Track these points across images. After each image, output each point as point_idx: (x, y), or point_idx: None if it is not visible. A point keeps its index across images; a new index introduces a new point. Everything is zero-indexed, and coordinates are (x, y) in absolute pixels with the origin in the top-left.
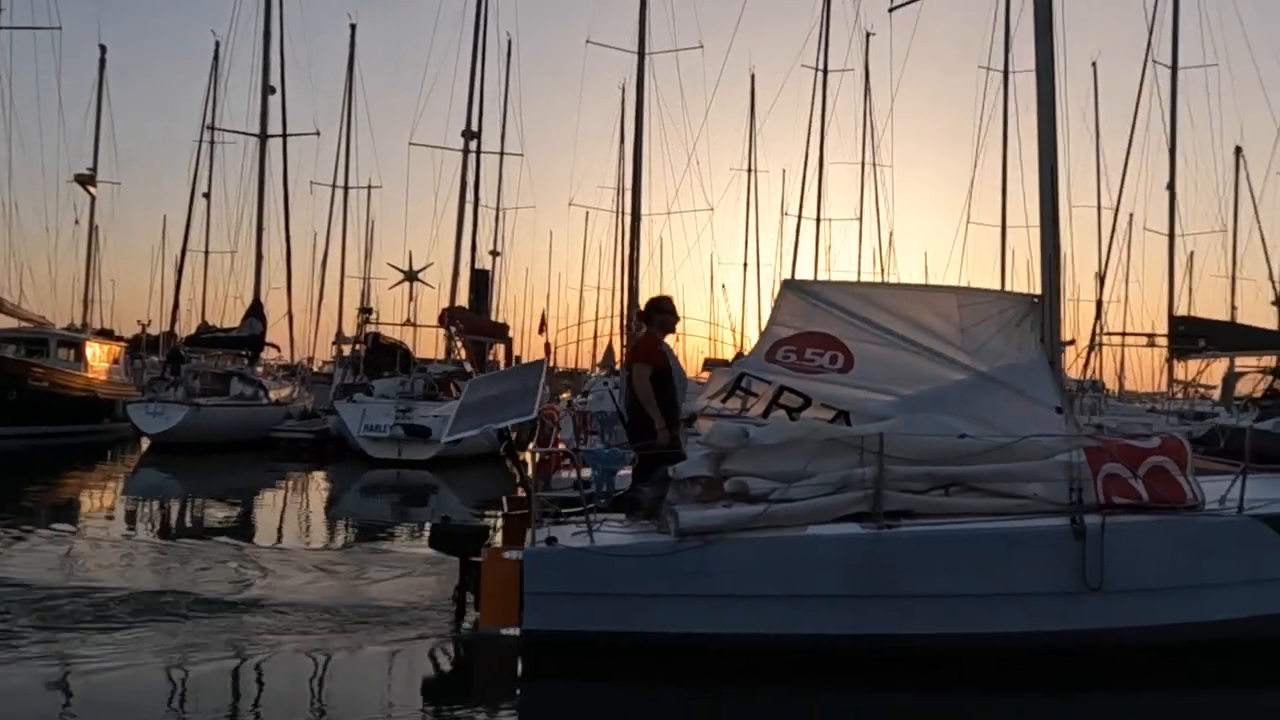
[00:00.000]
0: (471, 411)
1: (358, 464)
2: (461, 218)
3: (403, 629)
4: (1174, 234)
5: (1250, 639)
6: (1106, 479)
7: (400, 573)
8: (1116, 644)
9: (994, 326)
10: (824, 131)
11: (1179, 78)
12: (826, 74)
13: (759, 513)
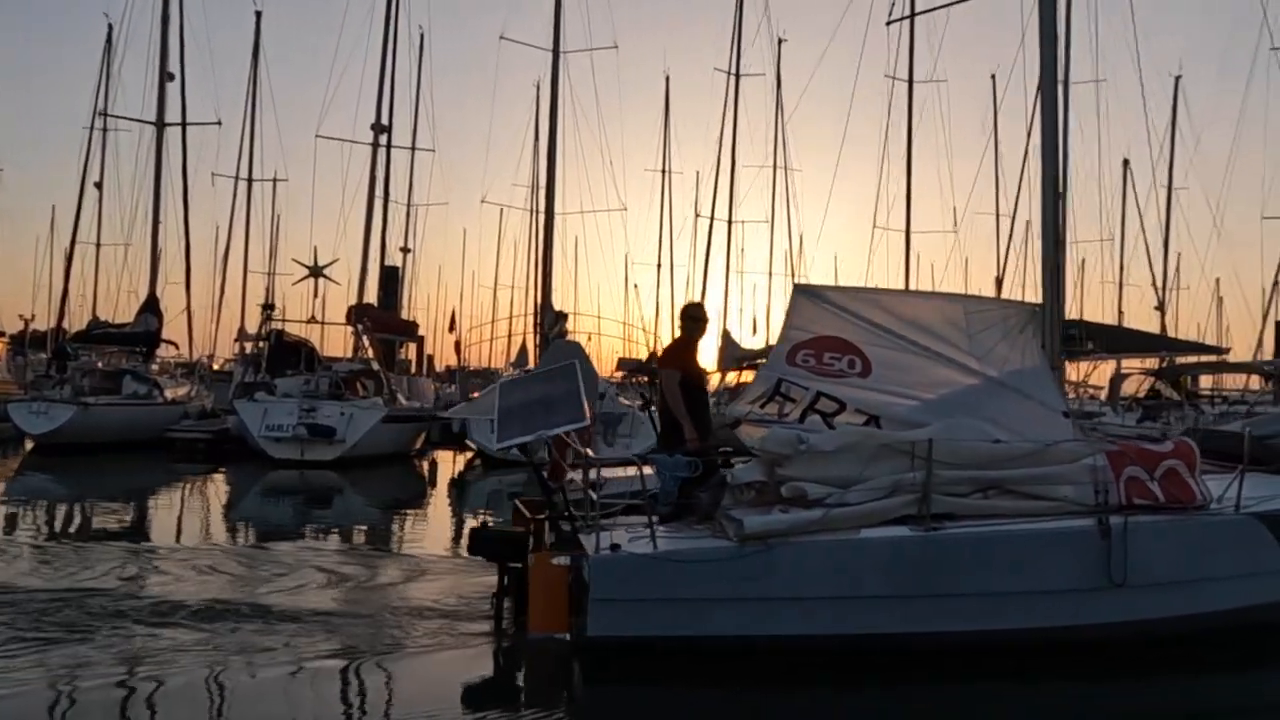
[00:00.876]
0: (515, 417)
1: (258, 465)
2: (370, 213)
3: (443, 637)
4: (1064, 241)
5: (1244, 627)
6: (1128, 481)
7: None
8: (1136, 636)
9: (999, 333)
10: (735, 134)
11: (1070, 92)
12: (739, 78)
13: (819, 517)
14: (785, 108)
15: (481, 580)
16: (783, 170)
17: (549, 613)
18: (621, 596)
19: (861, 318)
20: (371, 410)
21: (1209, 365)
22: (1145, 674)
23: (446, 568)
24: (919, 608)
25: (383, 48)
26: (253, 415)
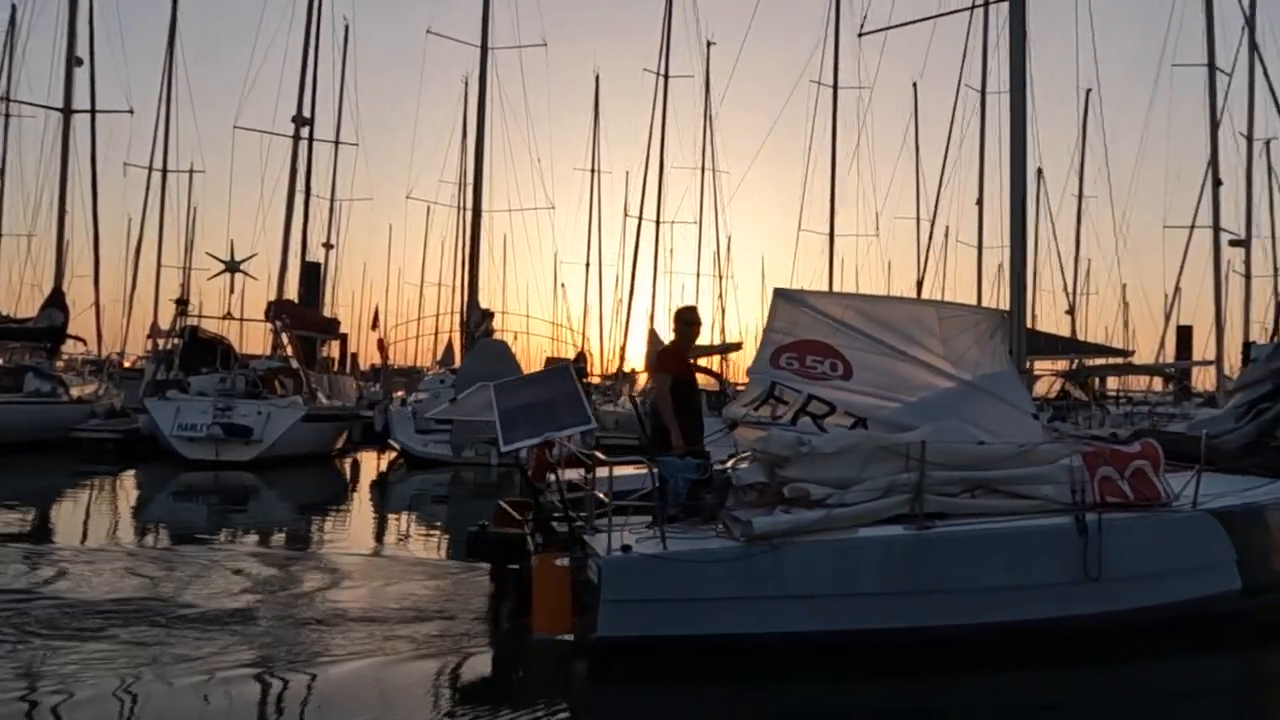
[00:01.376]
0: (518, 420)
1: (170, 466)
2: (291, 208)
3: (439, 640)
4: (982, 246)
5: (1199, 616)
6: (1101, 481)
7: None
8: (1109, 628)
9: (971, 338)
10: (664, 135)
11: (987, 101)
12: (668, 79)
13: (822, 516)
14: (714, 110)
15: (432, 583)
16: (711, 172)
17: (553, 614)
18: (632, 597)
19: (839, 321)
20: (290, 409)
21: (1116, 367)
22: (1104, 663)
23: (378, 570)
24: (914, 604)
25: (305, 38)
26: (165, 414)
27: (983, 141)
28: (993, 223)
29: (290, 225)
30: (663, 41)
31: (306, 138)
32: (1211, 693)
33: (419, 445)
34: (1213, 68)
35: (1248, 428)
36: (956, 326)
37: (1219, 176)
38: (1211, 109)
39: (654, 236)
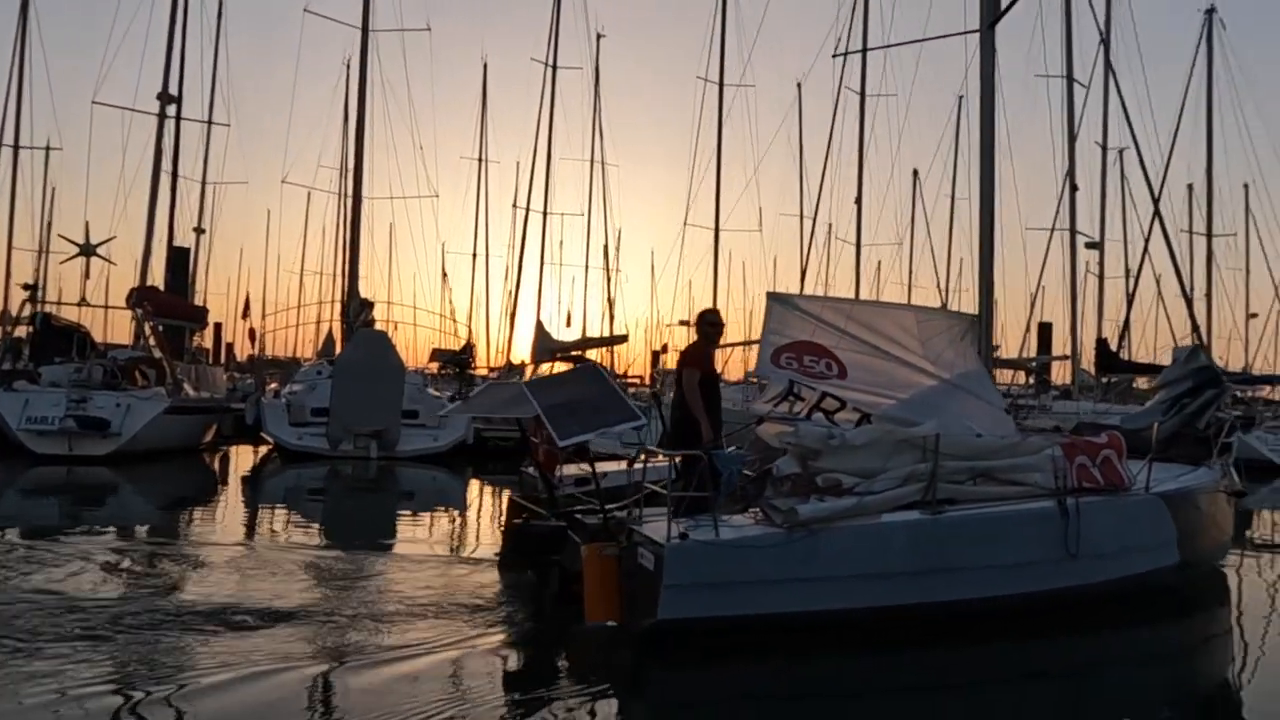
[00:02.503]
0: (567, 416)
1: (18, 461)
2: (156, 190)
3: (492, 630)
4: (860, 244)
5: (1150, 587)
6: (1078, 468)
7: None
8: (1082, 598)
9: (945, 340)
10: (552, 127)
11: (867, 104)
12: (556, 70)
13: (854, 504)
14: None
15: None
16: (600, 164)
17: (604, 602)
18: (691, 581)
19: (828, 323)
20: (152, 401)
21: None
22: (1045, 632)
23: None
24: (931, 581)
25: (171, 9)
26: (11, 406)
27: (861, 142)
28: (870, 221)
29: (155, 208)
30: (551, 31)
31: (173, 116)
32: (1159, 656)
33: (293, 439)
34: (1071, 80)
35: (1172, 421)
36: (932, 329)
37: (1075, 183)
38: (1069, 120)
39: (541, 228)
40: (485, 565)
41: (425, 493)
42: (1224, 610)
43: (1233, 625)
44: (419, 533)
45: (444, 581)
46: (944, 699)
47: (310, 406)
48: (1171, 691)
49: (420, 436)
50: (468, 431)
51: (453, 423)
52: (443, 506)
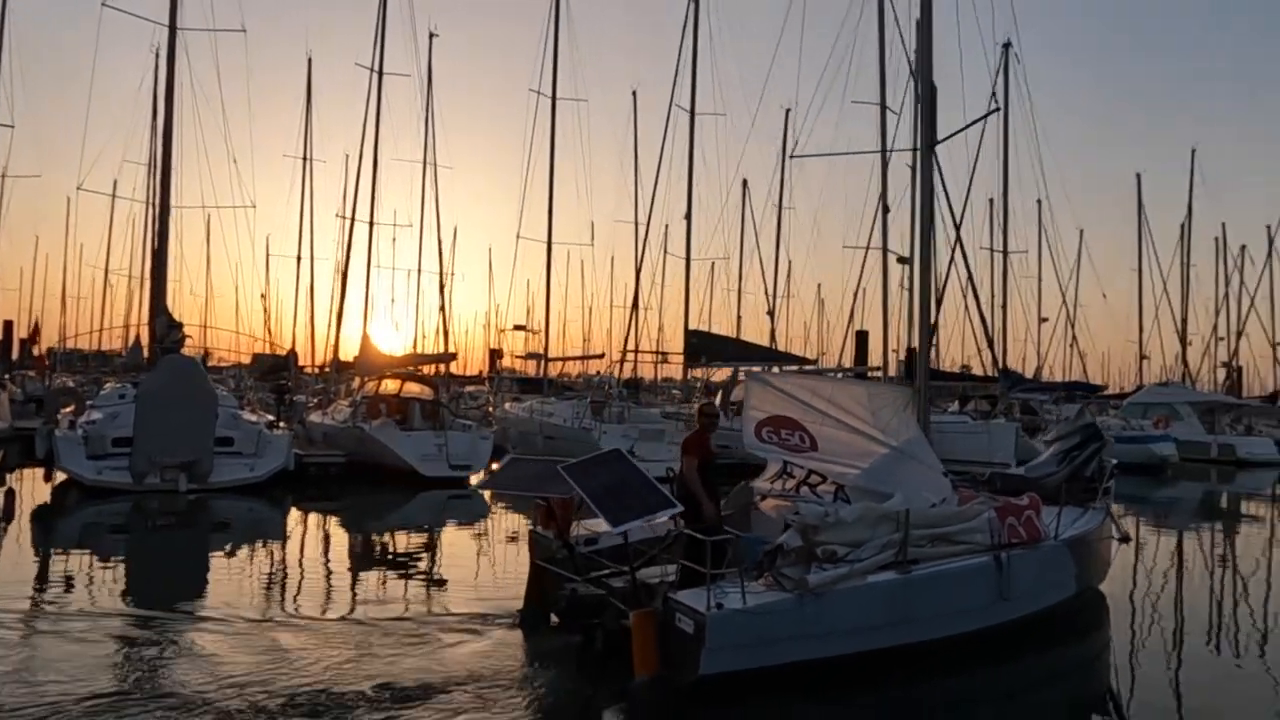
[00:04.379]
0: (614, 502)
1: None
2: None
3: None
4: (690, 259)
5: (1053, 615)
6: (1008, 528)
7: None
8: (1010, 631)
9: (891, 411)
10: (378, 133)
11: (696, 121)
12: (382, 75)
13: (848, 570)
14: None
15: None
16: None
17: (649, 658)
18: (727, 643)
19: (797, 399)
20: None
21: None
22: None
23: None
24: (906, 627)
25: None
26: None
27: (691, 159)
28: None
29: None
30: (377, 36)
31: None
32: (1066, 672)
33: (92, 473)
34: (884, 107)
35: (1065, 471)
36: (880, 401)
37: (887, 203)
38: (882, 144)
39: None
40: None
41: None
42: (1106, 627)
43: (1111, 637)
44: None
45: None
46: (919, 717)
47: (111, 436)
48: (1086, 699)
49: (235, 466)
50: (288, 459)
51: (272, 449)
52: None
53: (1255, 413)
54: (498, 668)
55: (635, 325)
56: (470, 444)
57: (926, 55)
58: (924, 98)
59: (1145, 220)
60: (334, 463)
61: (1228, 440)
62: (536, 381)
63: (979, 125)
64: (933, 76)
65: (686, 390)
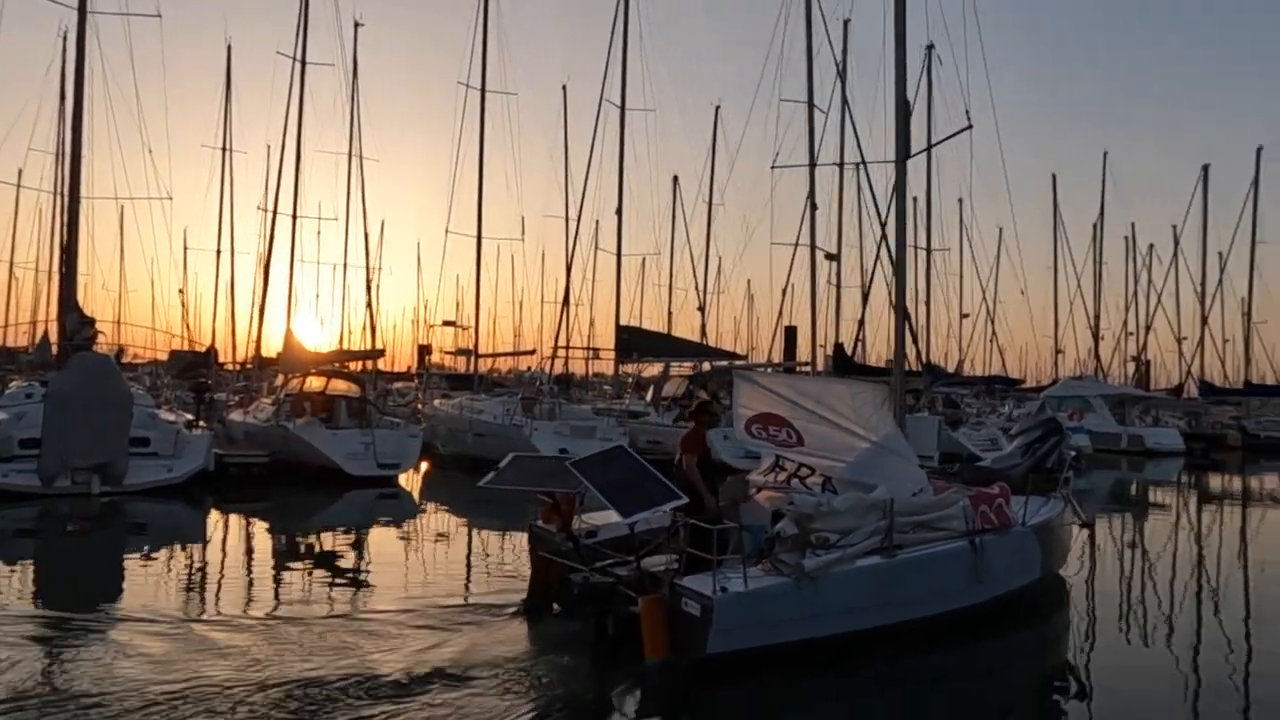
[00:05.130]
0: (623, 494)
1: None
2: None
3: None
4: (621, 254)
5: (1019, 597)
6: (981, 514)
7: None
8: (983, 611)
9: (871, 408)
10: (301, 124)
11: (626, 117)
12: (305, 65)
13: (840, 555)
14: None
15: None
16: (359, 159)
17: (657, 642)
18: (732, 625)
19: (783, 396)
20: None
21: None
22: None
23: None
24: (891, 607)
25: None
26: None
27: (622, 154)
28: (631, 232)
29: None
30: (299, 24)
31: None
32: (1035, 652)
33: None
34: (811, 106)
35: (1028, 462)
36: (861, 399)
37: (815, 201)
38: (810, 142)
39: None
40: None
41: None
42: (1067, 608)
43: (1072, 618)
44: None
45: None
46: (906, 693)
47: (17, 437)
48: (1052, 674)
49: (152, 467)
50: (208, 459)
51: (191, 450)
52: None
53: (1162, 404)
54: (514, 654)
55: (566, 321)
56: (398, 442)
57: (901, 72)
58: (899, 113)
59: (1060, 220)
60: (256, 463)
61: (1137, 431)
62: (466, 378)
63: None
64: (905, 92)
65: (618, 386)
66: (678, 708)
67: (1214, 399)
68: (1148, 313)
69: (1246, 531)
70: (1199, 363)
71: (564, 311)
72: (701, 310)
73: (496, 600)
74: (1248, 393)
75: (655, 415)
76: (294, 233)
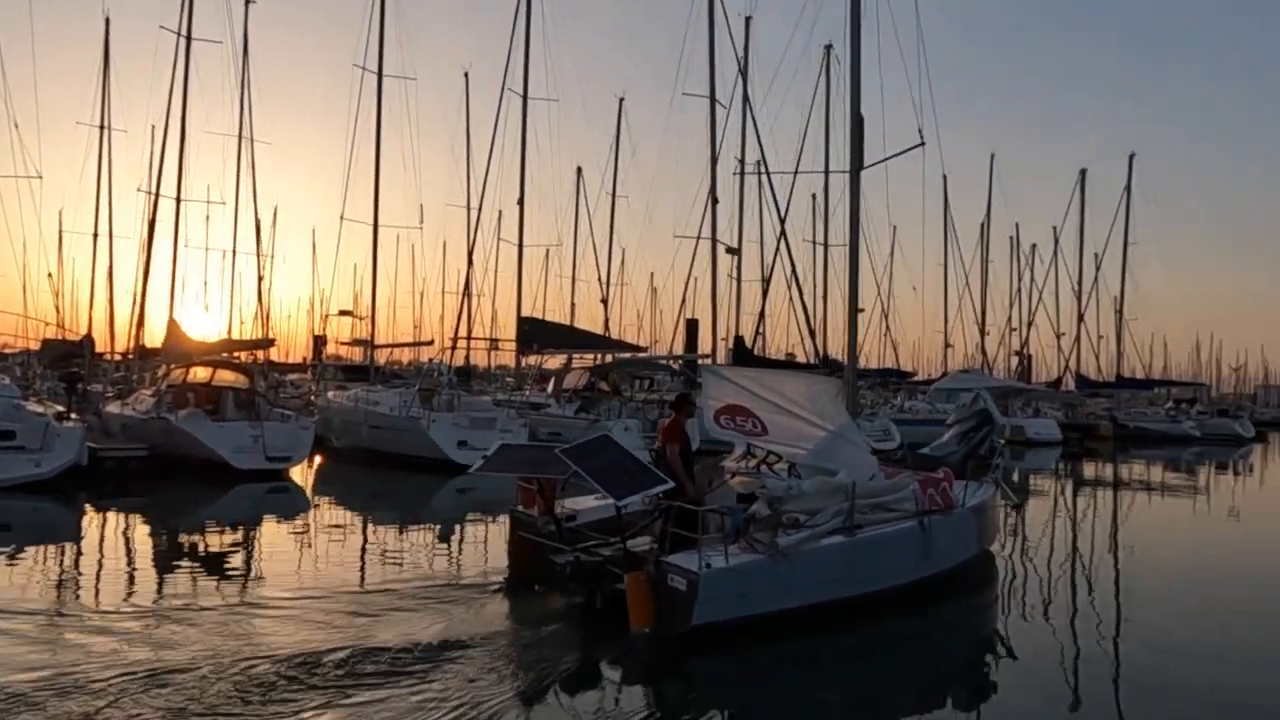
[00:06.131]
0: (612, 479)
1: None
2: None
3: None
4: (522, 245)
5: (959, 572)
6: (929, 496)
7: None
8: (931, 584)
9: (827, 399)
10: (185, 102)
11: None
12: (190, 41)
13: (809, 535)
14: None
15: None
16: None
17: (643, 614)
18: (715, 597)
19: (747, 389)
20: None
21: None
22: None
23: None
24: (850, 581)
25: None
26: None
27: (524, 144)
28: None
29: None
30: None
31: None
32: (970, 621)
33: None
34: (714, 101)
35: (964, 449)
36: (818, 392)
37: (716, 195)
38: (712, 137)
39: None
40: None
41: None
42: (996, 582)
43: (999, 591)
44: None
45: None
46: (867, 660)
47: None
48: (986, 641)
49: (19, 463)
50: (80, 453)
51: (62, 443)
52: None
53: (1041, 397)
54: (503, 629)
55: (467, 311)
56: (289, 434)
57: (856, 88)
58: (852, 126)
59: (950, 219)
60: (135, 457)
61: (1019, 422)
62: (363, 369)
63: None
64: (860, 107)
65: (519, 378)
66: (664, 674)
67: (1089, 391)
68: (1030, 310)
69: (1118, 515)
70: (1076, 357)
71: (464, 302)
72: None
73: (372, 596)
74: (1119, 386)
75: (557, 407)
76: (178, 216)
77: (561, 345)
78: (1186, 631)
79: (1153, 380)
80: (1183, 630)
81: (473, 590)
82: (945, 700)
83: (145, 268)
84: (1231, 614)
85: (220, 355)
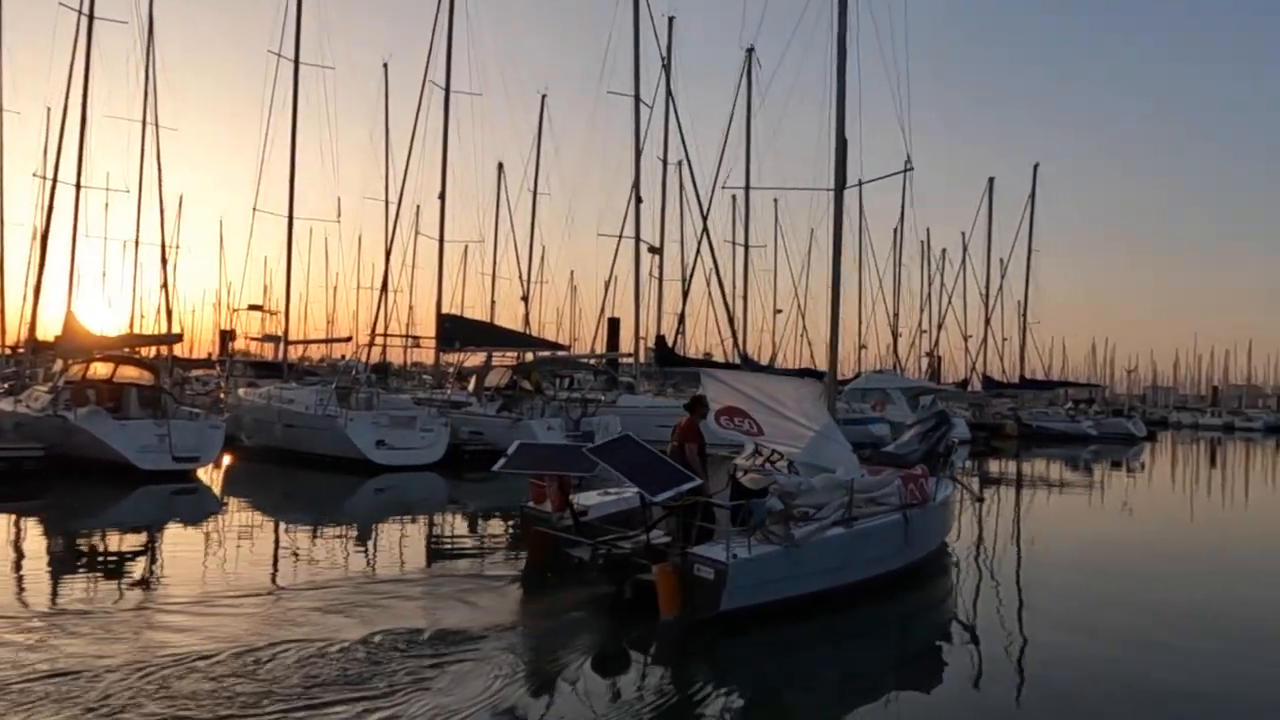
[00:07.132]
0: (645, 476)
1: None
2: None
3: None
4: (443, 240)
5: (931, 560)
6: (910, 491)
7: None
8: (912, 571)
9: (811, 401)
10: (87, 84)
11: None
12: (93, 19)
13: (817, 527)
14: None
15: None
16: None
17: (672, 603)
18: (741, 585)
19: (742, 392)
20: None
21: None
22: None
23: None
24: (849, 569)
25: None
26: None
27: (446, 137)
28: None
29: None
30: None
31: None
32: (930, 605)
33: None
34: (638, 100)
35: (924, 448)
36: (804, 394)
37: (640, 194)
38: (636, 136)
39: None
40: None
41: None
42: (949, 573)
43: (955, 582)
44: None
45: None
46: (863, 641)
47: None
48: (947, 624)
49: None
50: None
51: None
52: None
53: (950, 397)
54: (531, 616)
55: (384, 307)
56: (197, 433)
57: (841, 108)
58: (837, 146)
59: (865, 224)
60: (29, 456)
61: None
62: (275, 366)
63: None
64: (845, 128)
65: (438, 375)
66: (696, 654)
67: (994, 392)
68: (940, 313)
69: (1020, 507)
70: (983, 359)
71: (382, 297)
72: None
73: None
74: (1023, 386)
75: (478, 405)
76: (77, 204)
77: (483, 343)
78: (1091, 616)
79: (1053, 381)
80: (1086, 615)
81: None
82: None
83: (41, 257)
84: (1135, 603)
85: (123, 350)
